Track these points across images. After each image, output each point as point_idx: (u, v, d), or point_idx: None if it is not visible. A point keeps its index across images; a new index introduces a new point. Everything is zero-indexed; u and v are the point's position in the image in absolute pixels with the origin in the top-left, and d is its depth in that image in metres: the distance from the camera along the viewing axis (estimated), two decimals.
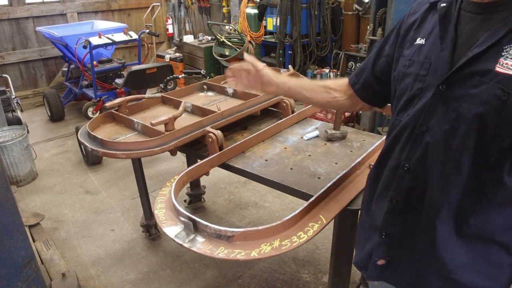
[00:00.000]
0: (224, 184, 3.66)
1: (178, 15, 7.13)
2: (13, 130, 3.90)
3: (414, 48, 1.00)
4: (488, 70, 0.83)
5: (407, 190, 0.98)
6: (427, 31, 0.99)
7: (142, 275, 2.62)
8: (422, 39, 0.99)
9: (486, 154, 0.86)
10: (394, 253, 1.03)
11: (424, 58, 0.96)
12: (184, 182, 1.64)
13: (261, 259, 1.21)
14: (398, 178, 0.99)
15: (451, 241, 0.93)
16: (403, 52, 1.04)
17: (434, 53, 0.94)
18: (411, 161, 0.96)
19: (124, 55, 6.89)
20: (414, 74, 0.97)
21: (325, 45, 5.59)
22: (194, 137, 1.93)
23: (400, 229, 1.01)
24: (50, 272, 2.50)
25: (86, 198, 3.57)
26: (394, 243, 1.03)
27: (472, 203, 0.90)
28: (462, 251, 0.93)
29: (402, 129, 0.99)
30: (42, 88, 6.24)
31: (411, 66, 0.99)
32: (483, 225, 0.91)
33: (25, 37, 6.02)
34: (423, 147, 0.93)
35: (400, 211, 1.00)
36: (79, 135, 2.04)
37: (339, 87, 1.29)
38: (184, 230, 1.27)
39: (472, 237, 0.92)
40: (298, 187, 1.61)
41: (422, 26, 1.01)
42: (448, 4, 0.95)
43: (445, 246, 0.93)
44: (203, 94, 2.60)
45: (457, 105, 0.87)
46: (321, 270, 2.59)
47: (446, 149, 0.90)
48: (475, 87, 0.84)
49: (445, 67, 0.90)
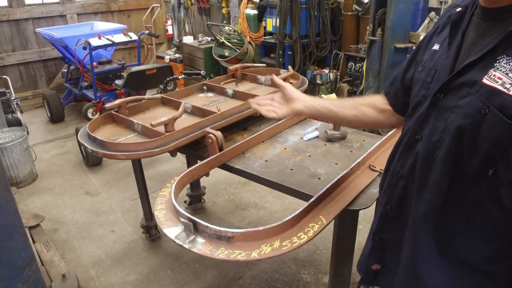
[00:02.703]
0: (224, 185, 3.66)
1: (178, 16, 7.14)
2: (13, 131, 3.90)
3: (430, 53, 0.98)
4: (475, 81, 0.79)
5: (399, 197, 0.97)
6: (444, 36, 0.95)
7: (142, 276, 2.62)
8: (437, 45, 0.96)
9: (464, 172, 0.82)
10: (387, 259, 1.03)
11: (433, 65, 0.94)
12: (184, 183, 1.64)
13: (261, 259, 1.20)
14: (393, 184, 0.99)
15: (431, 257, 0.89)
16: (422, 58, 1.02)
17: (441, 60, 0.91)
18: (404, 169, 0.95)
19: (123, 56, 6.90)
20: (422, 80, 0.95)
21: (325, 46, 5.59)
22: (194, 138, 1.93)
23: (392, 235, 1.01)
24: (50, 273, 2.49)
25: (86, 199, 3.57)
26: (387, 249, 1.02)
27: (454, 223, 0.86)
28: (442, 270, 0.89)
29: (403, 136, 0.99)
30: (42, 89, 6.24)
31: (422, 72, 0.97)
32: (468, 249, 0.85)
33: (24, 39, 6.02)
34: (414, 156, 0.92)
35: (393, 217, 1.00)
36: (79, 136, 2.04)
37: (369, 102, 1.23)
38: (184, 231, 1.27)
39: (455, 259, 0.87)
40: (298, 187, 1.61)
41: (442, 31, 0.98)
42: (463, 9, 0.91)
43: (425, 262, 0.90)
44: (203, 95, 2.60)
45: (447, 116, 0.84)
46: (321, 270, 2.59)
47: (431, 160, 0.87)
48: (462, 98, 0.81)
49: (445, 75, 0.87)
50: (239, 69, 2.74)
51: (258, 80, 2.73)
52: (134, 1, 6.99)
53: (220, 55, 5.87)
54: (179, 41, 6.79)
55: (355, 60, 4.98)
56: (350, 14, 5.16)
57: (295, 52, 5.38)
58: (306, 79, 2.70)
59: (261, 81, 2.72)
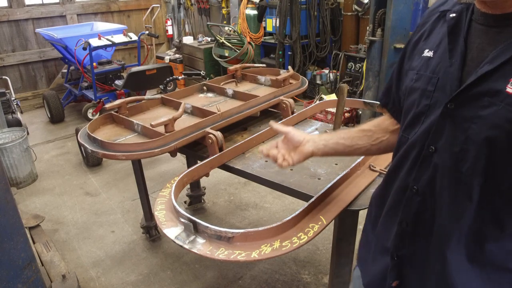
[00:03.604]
0: (224, 185, 3.66)
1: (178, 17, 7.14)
2: (13, 132, 3.90)
3: (422, 60, 0.94)
4: (498, 91, 0.76)
5: (417, 214, 0.93)
6: (435, 42, 0.92)
7: (142, 276, 2.62)
8: (430, 51, 0.93)
9: (497, 181, 0.79)
10: (406, 274, 0.99)
11: (432, 73, 0.90)
12: (184, 183, 1.64)
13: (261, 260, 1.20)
14: (407, 201, 0.94)
15: (462, 267, 0.87)
16: (411, 65, 0.98)
17: (443, 67, 0.88)
18: (420, 183, 0.90)
19: (123, 57, 6.90)
20: (421, 89, 0.91)
21: (325, 46, 5.59)
22: (194, 138, 1.93)
23: (412, 251, 0.96)
24: (50, 274, 2.49)
25: (86, 199, 3.57)
26: (406, 265, 0.98)
27: (485, 231, 0.84)
28: (474, 277, 0.86)
29: (409, 148, 0.94)
30: (42, 89, 6.24)
31: (419, 80, 0.93)
32: (498, 252, 0.84)
33: (24, 39, 6.02)
34: (431, 170, 0.87)
35: (411, 234, 0.95)
36: (79, 136, 2.04)
37: (377, 126, 1.18)
38: (185, 231, 1.27)
39: (486, 264, 0.85)
40: (298, 188, 1.61)
41: (430, 36, 0.95)
42: (458, 15, 0.88)
43: (456, 273, 0.87)
44: (203, 95, 2.60)
45: (467, 126, 0.80)
46: (321, 271, 2.59)
47: (456, 173, 0.83)
48: (484, 108, 0.78)
49: (453, 84, 0.84)
50: (239, 69, 2.74)
51: (258, 81, 2.73)
52: (134, 1, 6.99)
53: (220, 55, 5.88)
54: (179, 42, 6.80)
55: (355, 61, 4.99)
56: (350, 14, 5.16)
57: (295, 53, 5.39)
58: (306, 80, 2.71)
59: (261, 82, 2.72)
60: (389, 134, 1.16)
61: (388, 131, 1.16)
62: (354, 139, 1.18)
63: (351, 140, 1.18)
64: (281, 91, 2.42)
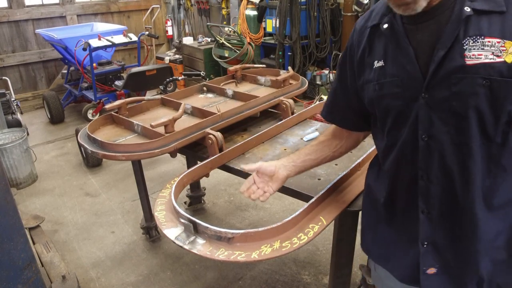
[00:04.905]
0: (224, 185, 3.66)
1: (178, 17, 7.15)
2: (13, 132, 3.90)
3: (376, 71, 1.03)
4: (459, 66, 0.88)
5: (435, 198, 1.00)
6: (380, 53, 1.02)
7: (142, 277, 2.62)
8: (379, 61, 1.02)
9: (491, 135, 0.91)
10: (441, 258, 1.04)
11: (391, 77, 0.99)
12: (184, 184, 1.64)
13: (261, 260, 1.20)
14: (422, 190, 1.01)
15: (484, 216, 0.96)
16: (365, 78, 1.07)
17: (400, 69, 0.98)
18: (429, 170, 0.98)
19: (123, 57, 6.90)
20: (389, 93, 1.00)
21: (325, 46, 5.59)
22: (194, 138, 1.93)
23: (441, 234, 1.02)
24: (50, 275, 2.49)
25: (86, 200, 3.57)
26: (439, 249, 1.03)
27: (493, 180, 0.95)
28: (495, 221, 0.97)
29: (404, 146, 1.02)
30: (42, 90, 6.24)
31: (382, 88, 1.02)
32: (506, 194, 0.96)
33: (24, 40, 6.03)
34: (436, 154, 0.96)
35: (435, 219, 1.02)
36: (79, 137, 2.04)
37: (332, 135, 1.32)
38: (184, 232, 1.27)
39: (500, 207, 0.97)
40: (298, 188, 1.61)
41: (373, 50, 1.05)
42: (390, 24, 0.99)
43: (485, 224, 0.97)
44: (203, 96, 2.60)
45: (447, 105, 0.91)
46: (321, 271, 2.59)
47: (457, 147, 0.93)
48: (456, 85, 0.89)
49: (418, 77, 0.94)
50: (239, 70, 2.74)
51: (258, 81, 2.73)
52: (134, 2, 7.00)
53: (220, 56, 5.88)
54: (179, 42, 6.80)
55: None
56: (350, 14, 5.17)
57: (295, 53, 5.39)
58: (306, 80, 2.71)
59: (261, 82, 2.72)
60: (344, 140, 1.31)
61: (343, 137, 1.31)
62: (317, 152, 1.33)
63: (315, 153, 1.33)
64: (281, 92, 2.42)
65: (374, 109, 1.09)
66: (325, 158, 1.33)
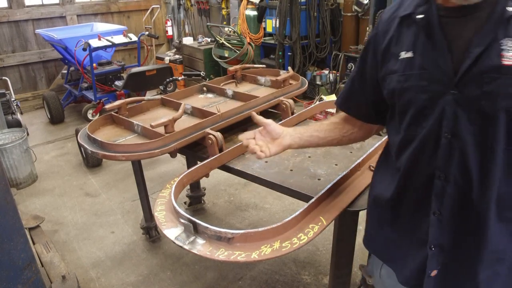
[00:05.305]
0: (224, 186, 3.66)
1: (178, 17, 7.15)
2: (13, 132, 3.90)
3: (403, 62, 1.00)
4: (497, 66, 0.85)
5: (450, 199, 0.97)
6: (410, 43, 0.99)
7: (142, 277, 2.62)
8: (408, 52, 0.99)
9: None
10: (444, 261, 1.02)
11: (419, 69, 0.96)
12: (184, 184, 1.64)
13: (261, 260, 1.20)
14: (437, 190, 0.98)
15: (494, 226, 0.94)
16: (390, 69, 1.03)
17: (430, 62, 0.94)
18: (447, 170, 0.95)
19: (123, 57, 6.90)
20: (415, 86, 0.97)
21: (325, 47, 5.60)
22: (194, 139, 1.93)
23: (450, 236, 1.00)
24: (50, 275, 2.49)
25: (86, 200, 3.57)
26: (445, 252, 1.01)
27: (510, 189, 0.93)
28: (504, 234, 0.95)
29: (423, 142, 0.98)
30: (41, 90, 6.24)
31: (408, 80, 0.98)
32: None
33: (24, 40, 6.03)
34: (457, 153, 0.93)
35: (446, 221, 0.99)
36: (79, 137, 2.04)
37: (346, 120, 1.28)
38: (184, 232, 1.27)
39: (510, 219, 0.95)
40: (298, 188, 1.61)
41: (400, 40, 1.02)
42: (426, 15, 0.96)
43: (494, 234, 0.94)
44: (203, 96, 2.60)
45: (477, 105, 0.88)
46: (321, 271, 2.59)
47: (481, 148, 0.91)
48: (488, 85, 0.86)
49: (449, 72, 0.91)
50: (239, 70, 2.74)
51: (258, 81, 2.74)
52: (134, 2, 7.00)
53: (220, 56, 5.88)
54: (179, 42, 6.80)
55: (355, 61, 4.98)
56: (350, 15, 5.17)
57: (294, 53, 5.39)
58: (305, 80, 2.71)
59: (261, 82, 2.72)
60: (357, 128, 1.28)
61: (356, 126, 1.27)
62: (327, 131, 1.29)
63: (324, 132, 1.29)
64: (281, 92, 2.42)
65: (394, 101, 1.05)
66: (333, 140, 1.29)
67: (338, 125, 1.29)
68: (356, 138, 1.31)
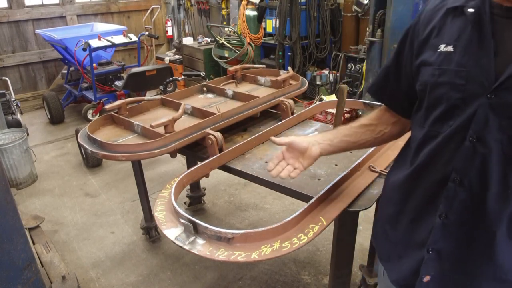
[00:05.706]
0: (224, 186, 3.66)
1: (178, 17, 7.15)
2: (13, 132, 3.90)
3: (441, 55, 0.94)
4: None
5: (460, 204, 0.93)
6: (452, 37, 0.93)
7: (142, 277, 2.62)
8: (449, 46, 0.93)
9: None
10: (440, 267, 0.99)
11: (458, 66, 0.91)
12: (184, 184, 1.64)
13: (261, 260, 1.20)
14: (448, 193, 0.94)
15: (506, 244, 0.90)
16: (426, 60, 0.98)
17: (471, 60, 0.89)
18: (464, 174, 0.91)
19: (123, 58, 6.90)
20: (449, 83, 0.92)
21: (325, 47, 5.60)
22: (194, 139, 1.93)
23: (451, 243, 0.97)
24: (50, 275, 2.49)
25: (86, 200, 3.57)
26: (442, 258, 0.99)
27: None
28: None
29: (445, 141, 0.94)
30: (41, 90, 6.24)
31: (443, 75, 0.93)
32: None
33: (24, 40, 6.03)
34: (478, 159, 0.89)
35: (452, 226, 0.95)
36: (79, 137, 2.04)
37: (378, 120, 1.23)
38: (184, 232, 1.27)
39: None
40: (298, 188, 1.61)
41: (442, 32, 0.96)
42: (477, 10, 0.90)
43: (501, 251, 0.91)
44: (203, 96, 2.60)
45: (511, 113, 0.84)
46: (321, 271, 2.59)
47: (506, 159, 0.86)
48: None
49: (490, 75, 0.86)
50: (239, 70, 2.74)
51: (258, 81, 2.73)
52: (134, 2, 7.00)
53: (219, 56, 5.88)
54: (179, 42, 6.80)
55: (355, 61, 4.99)
56: (350, 15, 5.17)
57: (294, 53, 5.39)
58: (305, 80, 2.71)
59: (261, 82, 2.72)
60: (390, 126, 1.22)
61: (390, 123, 1.21)
62: (357, 135, 1.23)
63: (354, 136, 1.23)
64: (281, 92, 2.42)
65: (424, 95, 1.00)
66: (366, 143, 1.24)
67: (369, 127, 1.23)
68: (389, 137, 1.25)
